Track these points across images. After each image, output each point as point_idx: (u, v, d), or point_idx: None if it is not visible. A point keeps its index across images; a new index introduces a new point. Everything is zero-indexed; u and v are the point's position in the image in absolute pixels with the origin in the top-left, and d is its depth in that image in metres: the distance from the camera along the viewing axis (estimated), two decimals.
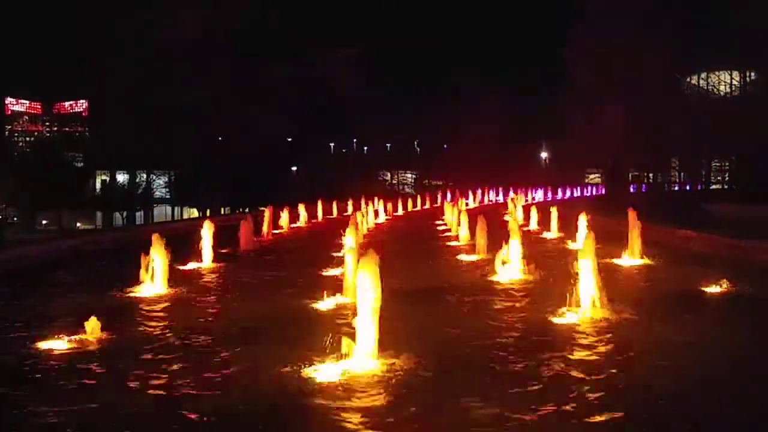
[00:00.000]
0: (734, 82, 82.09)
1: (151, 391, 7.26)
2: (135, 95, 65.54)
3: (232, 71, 67.21)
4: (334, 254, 18.53)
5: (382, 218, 37.66)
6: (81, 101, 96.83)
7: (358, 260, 8.03)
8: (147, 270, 13.30)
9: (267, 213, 27.41)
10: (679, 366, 8.09)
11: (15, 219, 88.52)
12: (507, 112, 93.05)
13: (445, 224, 31.41)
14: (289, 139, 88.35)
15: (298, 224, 33.01)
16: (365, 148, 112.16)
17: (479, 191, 62.30)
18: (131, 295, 13.01)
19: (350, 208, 41.41)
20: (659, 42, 66.34)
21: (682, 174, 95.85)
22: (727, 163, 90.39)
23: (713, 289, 12.72)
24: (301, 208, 34.51)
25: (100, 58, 65.43)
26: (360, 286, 7.91)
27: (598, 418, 6.27)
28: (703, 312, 11.55)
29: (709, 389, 7.27)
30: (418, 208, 51.62)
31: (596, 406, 6.59)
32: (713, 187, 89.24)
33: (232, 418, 6.48)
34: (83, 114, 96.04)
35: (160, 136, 67.21)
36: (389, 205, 42.30)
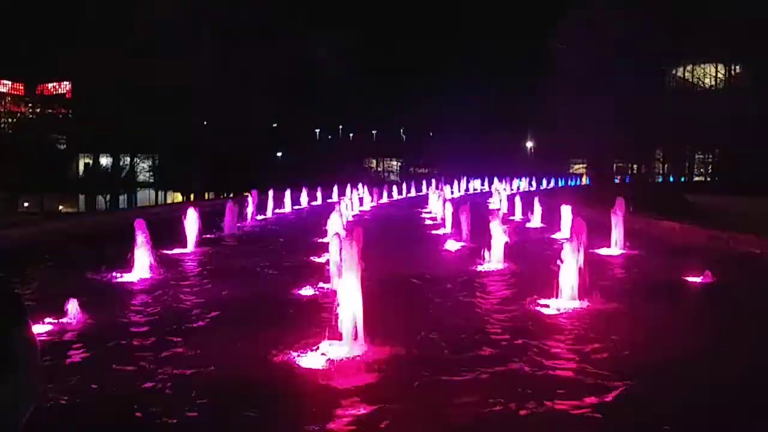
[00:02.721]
0: (719, 75, 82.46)
1: (130, 375, 7.21)
2: (118, 77, 64.89)
3: (216, 54, 66.67)
4: (318, 240, 18.50)
5: (367, 205, 37.60)
6: (64, 83, 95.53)
7: (341, 247, 8.00)
8: None
9: (251, 198, 27.31)
10: (658, 352, 8.16)
11: None
12: (493, 101, 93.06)
13: (430, 212, 31.43)
14: (275, 125, 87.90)
15: (283, 210, 32.92)
16: (351, 134, 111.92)
17: (464, 179, 62.44)
18: (112, 278, 12.92)
19: (335, 195, 41.35)
20: (646, 34, 66.53)
21: (665, 166, 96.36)
22: (710, 156, 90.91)
23: (695, 279, 12.82)
24: (286, 194, 34.41)
25: (83, 39, 64.68)
26: (341, 272, 7.91)
27: (584, 404, 6.30)
28: (684, 301, 11.66)
29: (685, 373, 7.37)
30: (404, 195, 51.65)
31: (581, 394, 6.62)
32: (696, 179, 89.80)
33: (212, 404, 6.45)
34: (66, 96, 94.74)
35: (144, 120, 66.62)
36: (374, 193, 42.22)
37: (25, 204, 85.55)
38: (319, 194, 41.29)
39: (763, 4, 60.47)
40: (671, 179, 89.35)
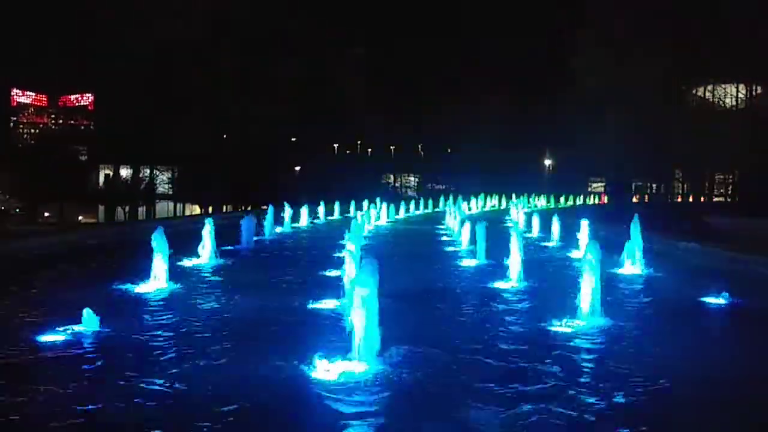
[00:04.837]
0: (740, 95, 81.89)
1: (143, 387, 7.23)
2: (139, 91, 65.71)
3: (236, 70, 67.37)
4: (335, 255, 18.52)
5: (384, 221, 37.63)
6: (87, 95, 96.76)
7: (358, 262, 8.02)
8: None
9: (268, 212, 27.44)
10: (673, 376, 8.07)
11: (17, 210, 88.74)
12: (512, 119, 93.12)
13: (446, 228, 31.39)
14: (294, 139, 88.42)
15: (299, 224, 32.99)
16: (369, 150, 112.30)
17: (482, 196, 62.48)
18: (130, 289, 12.99)
19: (352, 210, 41.43)
20: (666, 53, 66.37)
21: (685, 185, 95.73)
22: (730, 176, 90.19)
23: (713, 301, 12.69)
24: (304, 208, 34.51)
25: (106, 52, 65.59)
26: (357, 288, 7.91)
27: (594, 423, 6.26)
28: (702, 324, 11.53)
29: (702, 400, 7.27)
30: (420, 211, 51.66)
31: (593, 413, 6.57)
32: (716, 199, 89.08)
33: (227, 417, 6.46)
34: (89, 107, 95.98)
35: (163, 132, 67.31)
36: (391, 208, 42.29)
37: (46, 213, 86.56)
38: (336, 209, 41.38)
39: None
40: (690, 199, 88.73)
